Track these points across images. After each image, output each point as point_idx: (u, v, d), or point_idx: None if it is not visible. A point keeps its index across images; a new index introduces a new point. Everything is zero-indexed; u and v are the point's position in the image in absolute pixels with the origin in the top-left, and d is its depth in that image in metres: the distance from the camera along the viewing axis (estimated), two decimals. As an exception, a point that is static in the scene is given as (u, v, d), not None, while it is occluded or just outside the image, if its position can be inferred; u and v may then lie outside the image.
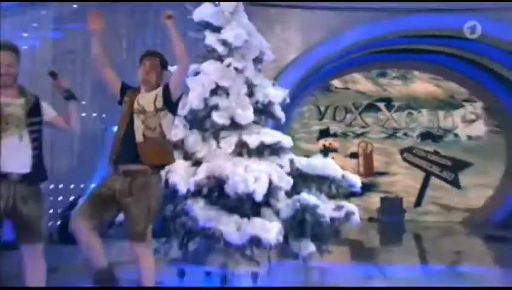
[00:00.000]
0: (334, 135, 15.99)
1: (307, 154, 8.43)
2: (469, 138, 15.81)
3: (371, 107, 16.11)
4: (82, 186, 8.79)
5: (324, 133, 15.90)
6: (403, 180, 15.86)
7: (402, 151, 16.01)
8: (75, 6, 9.26)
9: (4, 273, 6.61)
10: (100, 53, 5.46)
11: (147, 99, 5.38)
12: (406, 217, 14.82)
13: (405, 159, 16.00)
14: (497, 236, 12.53)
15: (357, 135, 16.07)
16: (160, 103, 5.35)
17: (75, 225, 5.35)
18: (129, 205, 5.25)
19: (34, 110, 5.18)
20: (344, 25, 10.60)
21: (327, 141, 15.77)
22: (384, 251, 11.79)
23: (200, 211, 6.76)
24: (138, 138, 5.29)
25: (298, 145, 7.63)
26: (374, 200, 14.88)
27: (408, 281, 8.72)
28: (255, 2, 8.28)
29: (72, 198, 8.41)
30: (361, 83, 15.96)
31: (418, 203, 15.74)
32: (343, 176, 7.47)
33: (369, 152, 15.92)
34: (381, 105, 16.09)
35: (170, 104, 5.39)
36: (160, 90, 5.38)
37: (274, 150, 7.16)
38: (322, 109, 15.95)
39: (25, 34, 9.04)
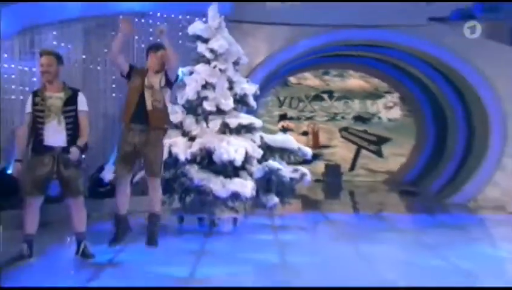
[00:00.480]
0: (291, 118, 15.82)
1: (271, 133, 8.44)
2: (389, 120, 15.70)
3: (318, 97, 15.90)
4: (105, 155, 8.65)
5: (283, 117, 15.77)
6: (341, 152, 15.75)
7: (340, 130, 15.87)
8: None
9: (52, 219, 6.59)
10: (119, 47, 5.45)
11: (155, 79, 5.50)
12: (343, 179, 14.82)
13: (342, 136, 15.87)
14: (408, 191, 12.59)
15: (307, 118, 15.88)
16: (163, 83, 5.50)
17: (118, 176, 5.57)
18: (146, 153, 5.45)
19: (69, 101, 5.22)
20: (297, 37, 10.50)
21: (285, 123, 15.60)
22: (327, 203, 11.73)
23: (195, 173, 6.84)
24: (148, 106, 5.42)
25: (264, 126, 7.69)
26: (320, 166, 14.76)
27: (345, 223, 8.79)
28: (232, 20, 8.17)
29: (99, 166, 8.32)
30: (310, 79, 15.82)
31: (352, 168, 15.67)
32: (298, 148, 7.57)
33: (316, 131, 15.78)
34: (325, 96, 15.89)
35: (169, 84, 5.57)
36: (162, 73, 5.51)
37: (248, 129, 7.19)
38: (282, 99, 15.81)
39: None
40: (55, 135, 5.11)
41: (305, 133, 15.59)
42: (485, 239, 7.43)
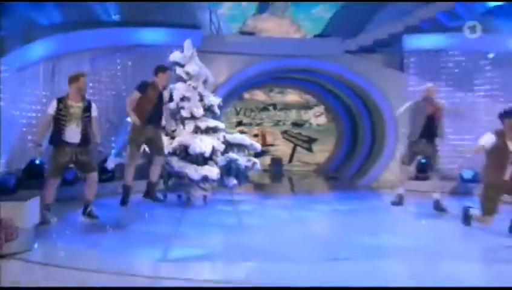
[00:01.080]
0: (245, 124, 15.77)
1: (231, 134, 8.20)
2: (317, 125, 15.71)
3: (265, 109, 15.90)
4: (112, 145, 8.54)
5: (239, 123, 15.69)
6: (282, 149, 15.69)
7: (281, 133, 15.83)
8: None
9: (66, 197, 6.52)
10: (130, 107, 5.79)
11: (165, 94, 6.03)
12: (284, 168, 14.61)
13: (283, 137, 15.82)
14: (331, 176, 12.55)
15: (257, 124, 15.85)
16: (168, 97, 6.06)
17: (131, 158, 5.98)
18: (156, 142, 5.99)
19: (86, 109, 5.34)
20: (249, 63, 10.29)
21: (241, 128, 15.51)
22: (273, 186, 11.52)
23: (175, 163, 6.81)
24: (160, 113, 5.98)
25: (225, 129, 7.75)
26: (267, 159, 14.54)
27: (285, 199, 8.85)
28: (201, 50, 8.07)
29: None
30: (259, 95, 15.79)
31: (290, 160, 15.56)
32: (251, 144, 7.56)
33: (264, 133, 15.76)
34: (270, 107, 15.90)
35: (171, 97, 6.31)
36: (167, 91, 6.09)
37: (214, 130, 7.18)
38: (238, 109, 15.69)
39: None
40: (74, 134, 5.24)
41: (256, 135, 15.46)
42: (381, 207, 7.53)
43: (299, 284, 3.42)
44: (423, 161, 8.17)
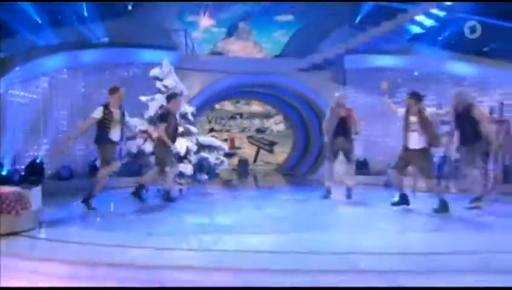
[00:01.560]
0: (216, 131, 15.58)
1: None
2: (277, 131, 15.71)
3: (233, 118, 15.80)
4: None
5: (211, 130, 15.46)
6: (249, 151, 15.60)
7: (247, 138, 15.77)
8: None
9: (63, 190, 6.53)
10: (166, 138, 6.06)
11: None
12: (249, 168, 14.31)
13: (249, 141, 15.76)
14: (288, 174, 12.66)
15: (227, 131, 15.70)
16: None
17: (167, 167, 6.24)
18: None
19: (122, 115, 5.66)
20: (219, 79, 10.36)
21: (213, 134, 15.01)
22: (240, 183, 11.21)
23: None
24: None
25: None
26: (235, 160, 14.19)
27: (250, 192, 9.03)
28: (179, 68, 8.19)
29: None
30: (228, 106, 15.66)
31: (255, 161, 15.45)
32: (220, 145, 7.80)
33: (232, 138, 15.63)
34: (237, 116, 15.84)
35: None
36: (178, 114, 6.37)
37: (188, 133, 7.23)
38: (210, 118, 15.52)
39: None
40: (116, 134, 5.56)
41: (225, 140, 15.24)
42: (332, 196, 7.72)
43: (261, 249, 3.77)
44: (360, 159, 8.67)
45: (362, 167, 9.37)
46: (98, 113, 5.51)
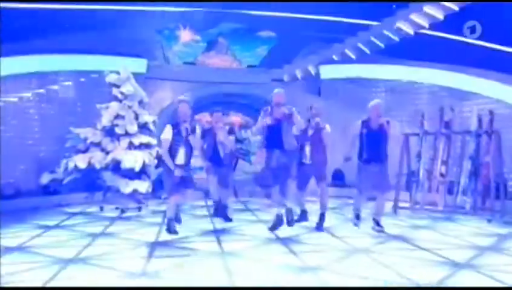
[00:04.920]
0: None
1: None
2: (254, 141, 15.12)
3: None
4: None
5: None
6: None
7: None
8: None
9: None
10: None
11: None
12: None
13: None
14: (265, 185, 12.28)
15: None
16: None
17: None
18: None
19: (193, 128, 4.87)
20: (191, 89, 9.88)
21: None
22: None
23: (108, 177, 6.05)
24: None
25: None
26: None
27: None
28: (148, 77, 7.36)
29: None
30: (206, 116, 15.33)
31: (233, 170, 15.10)
32: None
33: None
34: None
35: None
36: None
37: (147, 145, 6.50)
38: None
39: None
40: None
41: None
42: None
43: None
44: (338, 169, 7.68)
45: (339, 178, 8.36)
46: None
